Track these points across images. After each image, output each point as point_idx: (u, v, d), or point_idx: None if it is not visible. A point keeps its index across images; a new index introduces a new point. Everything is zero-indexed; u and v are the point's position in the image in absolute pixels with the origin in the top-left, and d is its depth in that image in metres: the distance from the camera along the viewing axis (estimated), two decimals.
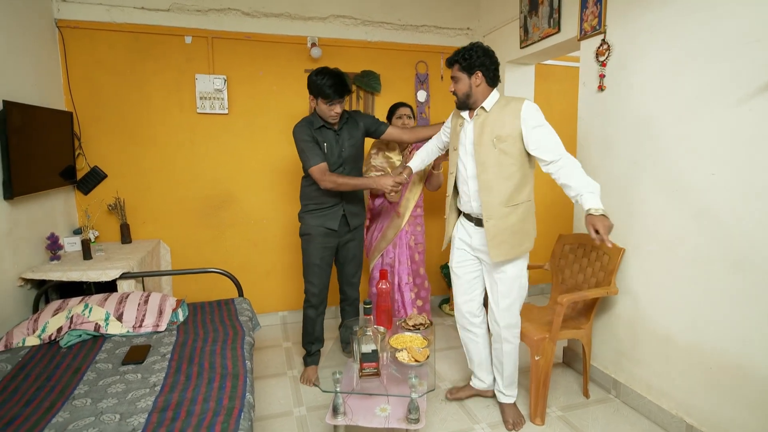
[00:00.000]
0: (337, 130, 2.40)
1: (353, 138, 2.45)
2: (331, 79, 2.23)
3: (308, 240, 2.50)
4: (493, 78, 1.99)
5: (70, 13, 2.76)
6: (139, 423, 1.38)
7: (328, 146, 2.38)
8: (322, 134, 2.38)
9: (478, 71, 1.94)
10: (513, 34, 3.11)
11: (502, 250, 1.96)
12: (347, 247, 2.60)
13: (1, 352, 1.86)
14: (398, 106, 2.84)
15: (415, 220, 2.89)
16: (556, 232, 3.82)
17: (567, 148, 1.96)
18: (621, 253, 2.22)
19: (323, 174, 2.30)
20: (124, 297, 2.18)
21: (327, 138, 2.38)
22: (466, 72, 1.96)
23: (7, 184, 2.12)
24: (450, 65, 2.02)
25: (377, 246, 2.86)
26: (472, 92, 1.98)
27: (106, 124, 2.91)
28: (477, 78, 1.95)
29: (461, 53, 1.96)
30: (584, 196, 1.79)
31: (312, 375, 2.54)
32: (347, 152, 2.42)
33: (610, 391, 2.39)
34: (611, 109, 2.31)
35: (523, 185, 2.01)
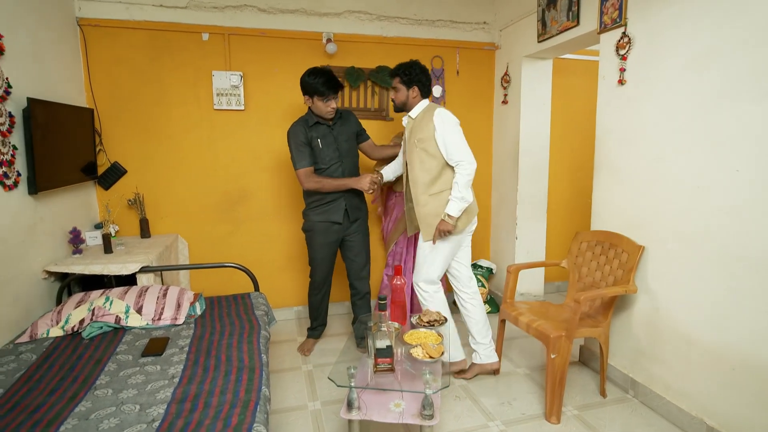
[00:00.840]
0: (331, 126, 2.57)
1: (346, 133, 2.63)
2: (324, 77, 2.42)
3: (311, 236, 2.67)
4: (427, 91, 2.41)
5: (90, 11, 2.81)
6: (159, 414, 1.41)
7: (324, 141, 2.54)
8: (317, 130, 2.54)
9: (415, 86, 2.37)
10: (530, 28, 3.07)
11: (427, 231, 2.35)
12: (352, 241, 2.72)
13: (27, 343, 1.92)
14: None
15: None
16: (572, 230, 3.78)
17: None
18: (640, 251, 2.17)
19: (308, 176, 2.51)
20: (143, 290, 2.22)
21: (323, 133, 2.55)
22: (405, 85, 2.37)
23: (32, 180, 2.18)
24: (391, 77, 2.42)
25: (390, 237, 3.03)
26: (408, 102, 2.40)
27: (125, 120, 2.97)
28: (414, 91, 2.38)
29: (402, 69, 2.36)
30: (450, 202, 2.26)
31: (308, 345, 2.83)
32: (343, 146, 2.60)
33: (628, 391, 2.35)
34: (632, 104, 2.26)
35: (440, 177, 2.33)
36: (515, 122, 3.35)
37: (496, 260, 3.73)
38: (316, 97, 2.44)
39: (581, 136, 3.74)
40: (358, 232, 2.72)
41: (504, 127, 3.52)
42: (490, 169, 3.73)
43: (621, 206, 2.36)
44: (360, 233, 2.73)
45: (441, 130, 2.26)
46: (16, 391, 1.54)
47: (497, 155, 3.65)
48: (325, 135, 2.54)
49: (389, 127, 3.42)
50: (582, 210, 3.87)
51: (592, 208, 2.57)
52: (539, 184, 3.42)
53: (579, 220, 3.86)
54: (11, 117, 2.07)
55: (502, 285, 3.64)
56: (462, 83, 3.53)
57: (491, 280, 3.74)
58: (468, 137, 3.53)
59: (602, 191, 2.49)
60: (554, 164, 3.64)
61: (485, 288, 3.54)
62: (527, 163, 3.35)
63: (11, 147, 2.07)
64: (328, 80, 2.40)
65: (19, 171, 2.13)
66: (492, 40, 3.54)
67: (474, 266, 3.60)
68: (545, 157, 3.41)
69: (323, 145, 2.53)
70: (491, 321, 3.35)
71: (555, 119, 3.53)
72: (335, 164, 2.57)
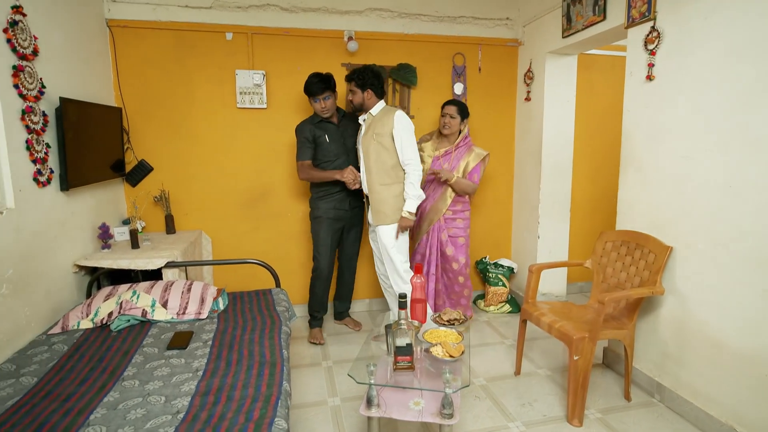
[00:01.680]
0: (337, 124, 2.84)
1: (353, 130, 2.89)
2: (312, 79, 2.68)
3: (319, 222, 2.90)
4: (380, 93, 2.69)
5: (119, 12, 2.89)
6: (183, 405, 1.44)
7: (331, 137, 2.80)
8: (323, 127, 2.81)
9: (369, 89, 2.65)
10: (555, 24, 3.01)
11: (378, 217, 2.67)
12: (351, 232, 3.02)
13: (59, 334, 1.99)
14: (445, 104, 2.98)
15: (454, 215, 3.00)
16: (596, 229, 3.71)
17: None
18: (668, 252, 2.11)
19: (302, 168, 2.80)
20: (168, 285, 2.27)
21: (328, 130, 2.81)
22: (360, 88, 2.66)
23: (63, 177, 2.25)
24: (347, 81, 2.73)
25: (414, 236, 3.08)
26: (364, 103, 2.69)
27: (152, 119, 3.04)
28: (368, 93, 2.66)
29: (356, 74, 2.65)
30: (407, 200, 2.64)
31: (318, 334, 2.99)
32: (349, 141, 2.86)
33: (654, 395, 2.30)
34: (661, 100, 2.19)
35: (391, 171, 2.65)
36: (538, 120, 3.29)
37: (518, 259, 3.68)
38: (310, 98, 2.75)
39: (606, 134, 3.66)
40: (357, 219, 3.01)
41: (527, 125, 3.47)
42: (512, 167, 3.68)
43: (648, 205, 2.30)
44: (359, 221, 3.03)
45: (399, 128, 2.58)
46: (49, 380, 1.60)
47: (519, 153, 3.60)
48: (332, 132, 2.81)
49: None
50: (606, 209, 3.79)
51: (618, 207, 2.51)
52: (562, 182, 3.36)
53: (603, 220, 3.78)
54: (45, 116, 2.14)
55: (523, 285, 3.59)
56: (484, 80, 3.49)
57: (512, 279, 3.70)
58: (489, 135, 3.53)
59: (628, 190, 2.43)
60: (578, 162, 3.57)
61: (506, 287, 3.50)
62: (550, 161, 3.29)
63: (45, 145, 2.14)
64: (313, 82, 2.68)
65: (52, 168, 2.20)
66: (515, 36, 3.49)
67: (495, 265, 3.56)
68: (569, 155, 3.34)
69: (330, 140, 2.80)
70: (512, 321, 3.34)
71: (579, 116, 3.46)
72: (341, 159, 2.83)
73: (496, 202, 3.68)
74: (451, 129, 2.94)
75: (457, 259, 3.01)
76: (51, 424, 1.34)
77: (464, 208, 3.04)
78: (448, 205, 2.98)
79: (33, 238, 2.04)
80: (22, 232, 1.96)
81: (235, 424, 1.33)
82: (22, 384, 1.57)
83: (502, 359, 2.74)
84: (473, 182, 2.96)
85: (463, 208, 3.04)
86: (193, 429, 1.31)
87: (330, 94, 2.73)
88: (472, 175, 2.96)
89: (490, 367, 2.63)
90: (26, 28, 2.02)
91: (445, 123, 2.94)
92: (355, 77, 2.65)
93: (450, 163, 2.96)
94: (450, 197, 2.97)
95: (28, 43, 2.03)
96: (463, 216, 3.04)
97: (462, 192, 2.96)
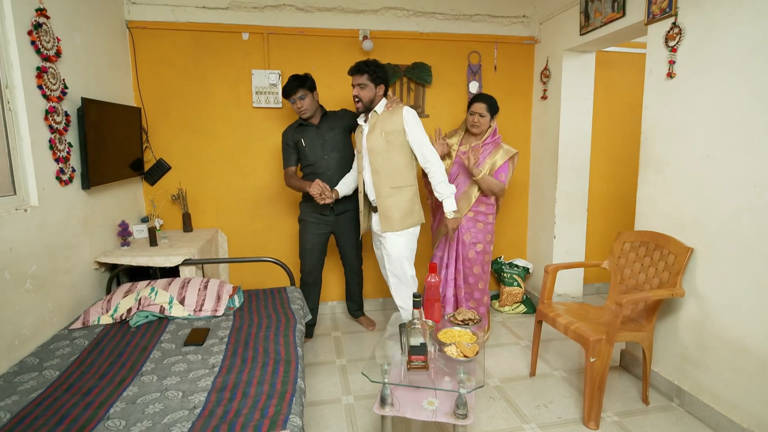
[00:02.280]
0: (317, 126, 2.75)
1: (333, 131, 2.78)
2: (288, 80, 2.63)
3: (303, 225, 2.87)
4: (386, 91, 2.52)
5: (138, 14, 2.94)
6: (200, 401, 1.46)
7: (309, 141, 2.73)
8: (302, 131, 2.76)
9: (382, 84, 2.44)
10: (572, 21, 2.97)
11: (387, 224, 2.47)
12: (342, 233, 2.91)
13: (80, 329, 2.03)
14: (473, 101, 2.74)
15: (475, 217, 2.75)
16: (614, 230, 3.65)
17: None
18: (689, 253, 2.07)
19: (286, 175, 2.80)
20: (186, 282, 2.31)
21: (307, 134, 2.75)
22: (374, 82, 2.42)
23: (85, 176, 2.30)
24: (358, 73, 2.41)
25: (435, 237, 2.90)
26: (375, 99, 2.46)
27: (170, 118, 3.09)
28: (380, 89, 2.45)
29: (372, 67, 2.40)
30: (445, 200, 2.46)
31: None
32: (329, 143, 2.76)
33: (673, 399, 2.25)
34: (682, 98, 2.15)
35: (403, 172, 2.46)
36: (555, 118, 3.25)
37: (533, 260, 3.64)
38: (289, 101, 2.70)
39: (625, 132, 3.60)
40: (346, 225, 2.89)
41: (543, 124, 3.43)
42: (528, 166, 3.64)
43: (668, 205, 2.25)
44: (349, 227, 2.91)
45: (412, 123, 2.41)
46: (70, 373, 1.64)
47: (535, 152, 3.56)
48: (310, 136, 2.74)
49: (426, 126, 3.37)
50: (625, 209, 3.72)
51: (637, 207, 2.46)
52: (579, 181, 3.32)
53: (621, 220, 3.71)
54: (67, 116, 2.19)
55: (538, 285, 3.55)
56: (500, 79, 3.46)
57: (527, 279, 3.66)
58: (505, 134, 3.50)
59: (647, 190, 2.38)
60: (595, 161, 3.52)
61: (521, 288, 3.47)
62: (567, 160, 3.25)
63: (67, 144, 2.20)
64: (286, 84, 2.63)
65: (74, 167, 2.25)
66: (531, 33, 3.45)
67: (510, 265, 3.53)
68: (586, 154, 3.30)
69: (307, 144, 2.73)
70: (527, 321, 3.31)
71: (597, 115, 3.41)
72: (321, 160, 2.75)
73: (511, 201, 3.65)
74: (481, 128, 2.71)
75: (480, 264, 2.78)
76: (72, 416, 1.37)
77: (488, 211, 2.76)
78: (472, 204, 2.71)
79: (56, 235, 2.09)
80: (45, 230, 2.01)
81: (250, 420, 1.34)
82: (45, 377, 1.61)
83: (517, 360, 2.71)
84: (500, 181, 2.69)
85: (487, 210, 2.75)
86: (209, 424, 1.33)
87: (305, 93, 2.64)
88: (498, 174, 2.69)
89: (504, 368, 2.61)
90: (50, 31, 2.07)
91: (474, 122, 2.70)
92: (370, 70, 2.39)
93: (476, 158, 2.69)
94: (474, 196, 2.70)
95: (52, 45, 2.08)
96: (484, 219, 2.76)
97: (488, 190, 2.69)
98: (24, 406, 1.43)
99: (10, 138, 1.90)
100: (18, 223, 1.84)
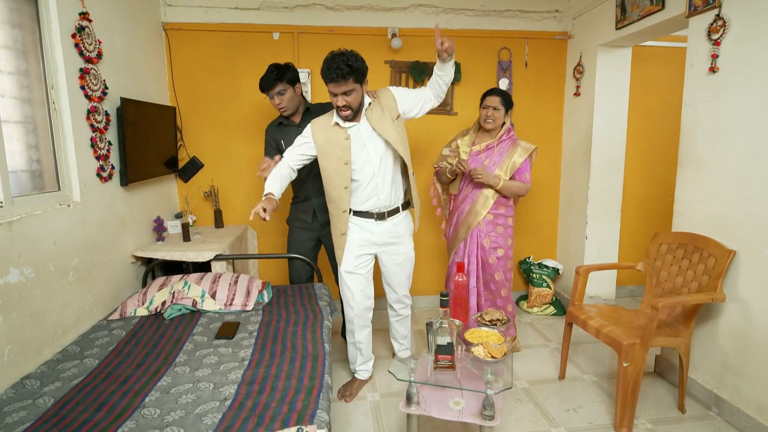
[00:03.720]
0: (298, 125, 2.45)
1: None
2: (265, 71, 2.35)
3: (290, 229, 2.70)
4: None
5: (174, 16, 3.03)
6: (230, 393, 1.50)
7: (288, 143, 2.30)
8: (283, 131, 2.49)
9: (365, 78, 2.02)
10: (608, 15, 2.88)
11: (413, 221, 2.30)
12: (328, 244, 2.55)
13: (118, 320, 2.12)
14: (486, 95, 2.55)
15: (495, 220, 2.54)
16: (650, 231, 3.52)
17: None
18: (730, 256, 1.98)
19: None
20: (217, 277, 2.37)
21: (288, 135, 2.41)
22: (359, 83, 1.98)
23: (123, 173, 2.39)
24: (343, 79, 1.91)
25: (451, 244, 2.68)
26: (362, 99, 2.06)
27: (204, 117, 3.17)
28: (365, 85, 2.05)
29: (355, 65, 1.92)
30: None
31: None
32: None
33: (711, 408, 2.16)
34: (725, 94, 2.05)
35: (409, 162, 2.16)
36: (588, 115, 3.16)
37: (563, 260, 3.56)
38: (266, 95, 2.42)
39: (662, 130, 3.47)
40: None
41: (575, 121, 3.34)
42: (559, 164, 3.56)
43: (708, 206, 2.16)
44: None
45: (401, 92, 2.13)
46: (109, 362, 1.71)
47: (567, 150, 3.48)
48: (291, 137, 2.29)
49: (454, 122, 3.37)
50: (661, 209, 3.59)
51: (674, 207, 2.37)
52: (613, 180, 3.22)
53: (657, 221, 3.59)
54: (107, 115, 2.28)
55: (568, 286, 3.47)
56: (531, 75, 3.39)
57: (557, 280, 3.58)
58: (536, 132, 3.43)
59: (686, 189, 2.29)
60: (631, 160, 3.41)
61: (550, 289, 3.39)
62: (600, 158, 3.16)
63: (107, 143, 2.28)
64: (262, 79, 2.35)
65: (113, 164, 2.34)
66: (564, 29, 3.36)
67: (539, 266, 3.47)
68: (620, 152, 3.19)
69: (286, 146, 2.30)
70: (556, 323, 3.24)
71: (633, 112, 3.30)
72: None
73: (540, 200, 3.58)
74: (495, 123, 2.50)
75: (502, 270, 2.58)
76: (111, 404, 1.43)
77: (507, 213, 2.56)
78: (490, 207, 2.51)
79: (96, 229, 2.18)
80: (86, 224, 2.10)
81: (278, 413, 1.37)
82: (85, 365, 1.68)
83: (546, 362, 2.66)
84: (525, 182, 2.51)
85: (506, 212, 2.56)
86: (239, 416, 1.36)
87: (285, 88, 2.34)
88: (522, 174, 2.51)
89: (533, 370, 2.57)
90: (91, 33, 2.15)
91: (488, 116, 2.49)
92: (354, 71, 1.91)
93: (491, 159, 2.51)
94: (493, 197, 2.51)
95: (94, 47, 2.17)
96: (504, 222, 2.56)
97: (514, 196, 2.55)
98: (66, 392, 1.50)
99: (55, 136, 1.99)
100: (62, 217, 1.93)
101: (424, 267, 3.51)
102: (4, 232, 1.60)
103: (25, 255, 1.69)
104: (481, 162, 2.54)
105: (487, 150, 2.55)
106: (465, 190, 2.60)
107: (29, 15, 1.89)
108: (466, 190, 2.59)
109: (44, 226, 1.81)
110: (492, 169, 2.50)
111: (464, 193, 2.59)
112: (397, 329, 2.50)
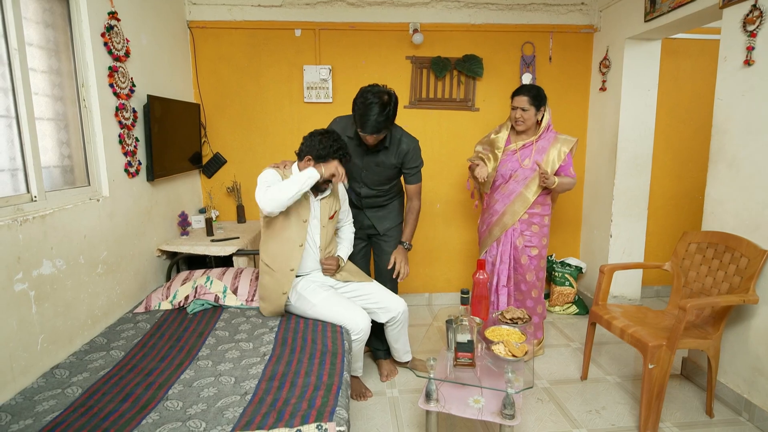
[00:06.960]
0: (367, 148, 2.21)
1: (379, 167, 2.26)
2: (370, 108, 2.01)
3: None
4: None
5: (199, 14, 3.07)
6: (251, 387, 1.52)
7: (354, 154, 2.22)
8: (353, 147, 2.22)
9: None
10: (636, 7, 2.79)
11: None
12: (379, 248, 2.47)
13: (143, 313, 2.17)
14: (514, 95, 2.45)
15: (530, 219, 2.48)
16: (678, 230, 3.43)
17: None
18: (764, 256, 1.90)
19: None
20: (238, 272, 2.40)
21: (356, 151, 2.23)
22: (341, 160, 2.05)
23: (149, 168, 2.45)
24: (380, 132, 2.06)
25: (483, 242, 2.63)
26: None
27: (227, 114, 3.21)
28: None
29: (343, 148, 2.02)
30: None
31: None
32: (368, 175, 2.30)
33: (741, 413, 2.09)
34: (761, 87, 1.96)
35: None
36: (614, 111, 3.08)
37: (587, 259, 3.49)
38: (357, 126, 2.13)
39: (692, 125, 3.35)
40: (386, 241, 2.44)
41: (601, 116, 3.26)
42: (584, 161, 3.48)
43: (740, 205, 2.08)
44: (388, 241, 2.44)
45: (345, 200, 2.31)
46: (134, 355, 1.76)
47: (592, 146, 3.40)
48: (356, 151, 2.22)
49: (476, 119, 3.33)
50: (690, 208, 3.48)
51: (705, 205, 2.29)
52: (640, 178, 3.13)
53: (686, 219, 3.48)
54: (134, 112, 2.33)
55: (591, 285, 3.40)
56: (555, 70, 3.32)
57: (580, 279, 3.51)
58: (559, 127, 3.37)
59: (718, 187, 2.21)
60: (659, 156, 3.31)
61: (573, 288, 3.33)
62: (627, 154, 3.07)
63: (134, 139, 2.34)
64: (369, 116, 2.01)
65: (140, 160, 2.40)
66: (590, 22, 3.28)
67: (561, 264, 3.41)
68: (648, 148, 3.10)
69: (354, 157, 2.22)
70: (578, 323, 3.18)
71: (661, 106, 3.20)
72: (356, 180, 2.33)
73: (563, 197, 3.50)
74: (526, 124, 2.42)
75: (534, 271, 2.53)
76: (136, 395, 1.47)
77: (543, 212, 2.49)
78: (529, 205, 2.44)
79: (124, 223, 2.24)
80: (115, 218, 2.16)
81: (298, 409, 1.38)
82: (111, 357, 1.73)
83: (568, 362, 2.62)
84: (572, 176, 2.45)
85: (543, 211, 2.48)
86: (259, 411, 1.38)
87: (386, 132, 2.12)
88: (567, 170, 2.44)
89: (554, 370, 2.53)
90: (120, 32, 2.20)
91: (517, 118, 2.41)
92: (341, 153, 2.01)
93: (531, 157, 2.43)
94: (533, 196, 2.42)
95: (122, 45, 2.22)
96: (540, 222, 2.49)
97: (564, 192, 2.53)
98: (93, 382, 1.55)
99: (86, 133, 2.05)
100: (92, 211, 1.98)
101: (443, 264, 3.50)
102: (38, 226, 1.65)
103: (57, 247, 1.74)
104: (517, 161, 2.46)
105: (524, 148, 2.47)
106: (499, 189, 2.53)
107: (61, 15, 1.94)
108: (500, 190, 2.52)
109: (75, 219, 1.86)
110: (529, 169, 2.44)
111: (500, 192, 2.52)
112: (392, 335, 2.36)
